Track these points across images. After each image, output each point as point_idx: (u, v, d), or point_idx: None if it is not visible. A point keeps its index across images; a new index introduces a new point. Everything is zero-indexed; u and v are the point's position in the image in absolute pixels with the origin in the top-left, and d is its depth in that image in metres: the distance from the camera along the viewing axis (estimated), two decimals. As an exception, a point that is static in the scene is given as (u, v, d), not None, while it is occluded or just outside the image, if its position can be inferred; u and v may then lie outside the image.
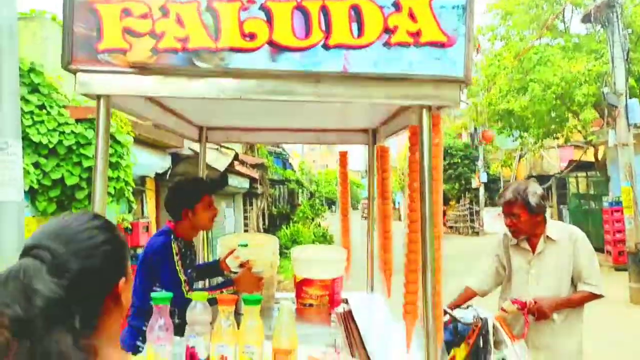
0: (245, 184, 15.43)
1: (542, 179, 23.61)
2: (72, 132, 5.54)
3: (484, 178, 25.87)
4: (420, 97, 1.80)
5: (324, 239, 19.57)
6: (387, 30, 1.73)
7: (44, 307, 0.90)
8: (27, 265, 0.95)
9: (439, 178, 1.97)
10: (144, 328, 2.57)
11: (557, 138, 16.88)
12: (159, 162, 8.45)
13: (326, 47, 1.74)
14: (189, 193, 2.88)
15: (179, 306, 2.08)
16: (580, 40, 15.14)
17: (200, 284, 3.29)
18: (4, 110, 3.06)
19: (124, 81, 1.78)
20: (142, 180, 8.36)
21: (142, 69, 1.75)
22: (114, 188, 5.93)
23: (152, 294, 1.88)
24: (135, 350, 2.64)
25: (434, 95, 1.80)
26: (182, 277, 2.61)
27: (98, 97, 1.84)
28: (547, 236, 2.94)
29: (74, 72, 1.75)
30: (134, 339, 2.70)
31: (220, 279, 3.22)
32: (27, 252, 0.98)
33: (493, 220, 22.09)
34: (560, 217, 19.65)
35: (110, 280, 1.05)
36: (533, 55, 14.08)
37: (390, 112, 2.86)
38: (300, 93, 1.81)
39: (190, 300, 2.36)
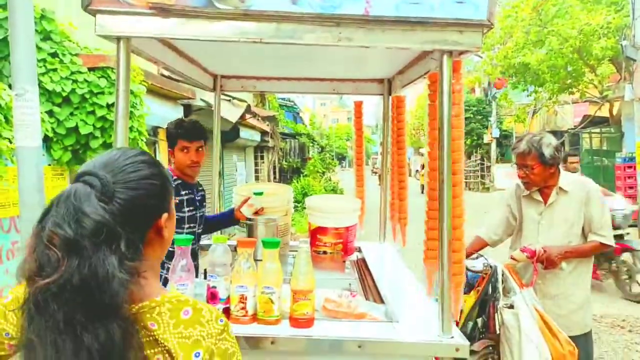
0: (256, 136, 15.45)
1: (555, 134, 23.34)
2: (85, 80, 5.53)
3: (496, 133, 25.66)
4: (441, 41, 1.78)
5: (334, 193, 19.67)
6: (410, -28, 1.70)
7: (92, 228, 0.95)
8: (78, 189, 1.00)
9: (461, 125, 1.97)
10: (161, 273, 2.67)
11: (573, 93, 16.58)
12: (171, 113, 8.44)
13: (347, -11, 1.71)
14: (169, 134, 3.02)
15: None
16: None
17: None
18: (20, 57, 3.06)
19: (143, 23, 1.77)
20: (154, 130, 8.39)
21: (161, 10, 1.73)
22: (128, 138, 5.97)
23: (175, 237, 1.93)
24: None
25: (456, 40, 1.77)
26: None
27: (118, 40, 1.84)
28: (560, 187, 2.94)
29: (94, 13, 1.74)
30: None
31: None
32: (78, 178, 1.04)
33: (504, 176, 22.04)
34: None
35: (153, 212, 1.10)
36: (551, 7, 13.67)
37: (408, 61, 2.82)
38: (320, 37, 1.79)
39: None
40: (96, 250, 0.95)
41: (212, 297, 1.93)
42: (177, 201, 2.92)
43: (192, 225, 3.00)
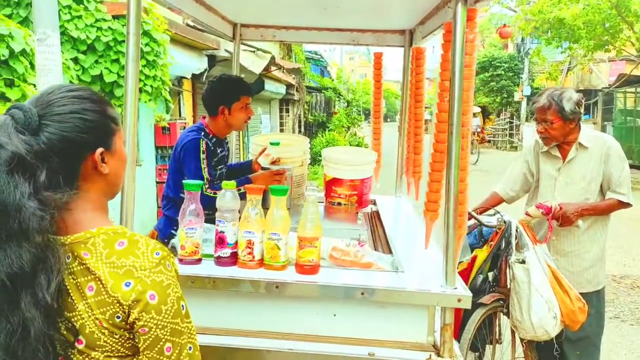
0: (281, 89, 15.37)
1: (589, 93, 22.69)
2: (110, 28, 5.55)
3: (527, 91, 24.98)
4: (456, -13, 1.73)
5: (359, 147, 19.61)
6: None
7: (5, 158, 0.98)
8: None
9: (471, 76, 1.93)
10: (178, 218, 2.73)
11: (609, 51, 15.94)
12: (195, 63, 8.44)
13: None
14: (228, 91, 2.92)
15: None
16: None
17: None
18: (41, 1, 3.08)
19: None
20: (179, 81, 8.42)
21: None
22: (151, 87, 6.01)
23: (184, 182, 1.98)
24: (170, 238, 2.81)
25: (471, -14, 1.72)
26: (205, 175, 2.70)
27: (129, -19, 1.84)
28: (580, 143, 2.89)
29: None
30: (169, 228, 2.86)
31: None
32: (6, 111, 1.08)
33: (533, 135, 21.58)
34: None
35: (83, 147, 1.10)
36: (590, -41, 13.05)
37: (428, 10, 2.75)
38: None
39: (208, 197, 2.47)
40: (8, 177, 0.98)
41: (220, 241, 1.98)
42: (216, 159, 2.94)
43: (219, 182, 3.02)
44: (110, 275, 1.04)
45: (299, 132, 19.06)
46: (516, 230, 2.88)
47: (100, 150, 1.12)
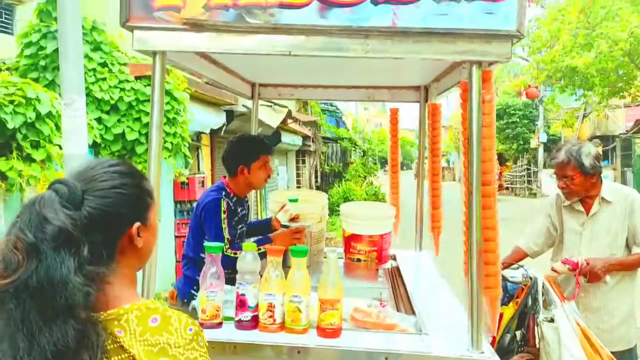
0: (298, 141, 15.56)
1: (606, 139, 22.56)
2: (132, 88, 5.75)
3: (543, 138, 24.96)
4: (470, 52, 1.77)
5: (376, 197, 19.55)
6: (438, -16, 1.70)
7: (52, 233, 1.00)
8: (44, 196, 1.06)
9: (491, 135, 1.94)
10: (197, 277, 2.72)
11: (624, 97, 15.96)
12: (214, 119, 8.63)
13: (375, 2, 1.73)
14: (247, 150, 2.95)
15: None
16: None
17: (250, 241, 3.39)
18: (69, 68, 3.21)
19: (177, 38, 1.83)
20: (197, 136, 8.59)
21: (194, 25, 1.79)
22: (171, 143, 6.14)
23: (205, 244, 1.99)
24: (190, 298, 2.80)
25: (485, 50, 1.76)
26: (226, 235, 2.70)
27: (154, 54, 1.91)
28: (603, 197, 2.85)
29: (131, 29, 1.82)
30: (189, 287, 2.85)
31: None
32: (50, 185, 1.10)
33: (551, 182, 21.42)
34: (623, 180, 18.80)
35: (123, 222, 1.13)
36: (600, 9, 13.21)
37: (442, 69, 2.81)
38: (349, 49, 1.81)
39: (228, 257, 2.47)
40: (55, 254, 0.99)
41: (241, 304, 1.97)
42: (236, 219, 2.96)
43: (239, 241, 3.03)
44: (145, 354, 1.03)
45: (316, 182, 19.16)
46: (542, 287, 2.82)
47: (137, 224, 1.14)
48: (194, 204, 7.58)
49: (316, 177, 19.47)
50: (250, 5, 1.76)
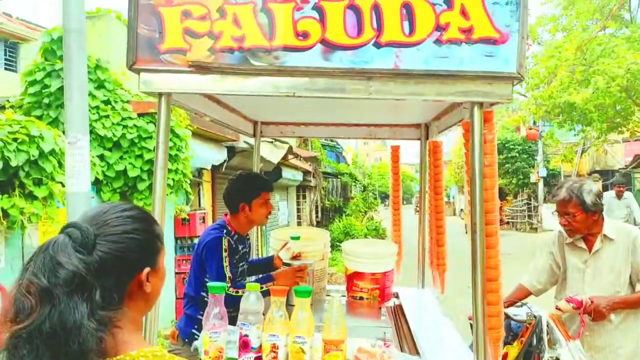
0: (298, 176, 15.61)
1: (605, 174, 22.62)
2: (135, 125, 5.80)
3: (542, 173, 25.03)
4: (471, 94, 1.80)
5: (377, 232, 19.50)
6: (439, 28, 1.74)
7: (65, 278, 1.00)
8: (57, 240, 1.06)
9: (494, 175, 1.96)
10: (199, 316, 2.69)
11: (622, 132, 16.08)
12: (215, 155, 8.68)
13: (378, 44, 1.77)
14: (247, 188, 2.96)
15: None
16: (647, 30, 14.36)
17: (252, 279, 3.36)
18: (74, 107, 3.25)
19: (183, 79, 1.86)
20: (199, 172, 8.62)
21: (200, 68, 1.83)
22: (173, 180, 6.16)
23: (208, 284, 1.98)
24: (191, 338, 2.76)
25: (486, 91, 1.79)
26: (227, 274, 2.68)
27: (159, 95, 1.94)
28: (605, 235, 2.85)
29: (138, 72, 1.85)
30: (190, 327, 2.82)
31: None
32: (63, 229, 1.10)
33: (552, 216, 21.38)
34: (624, 215, 18.75)
35: (133, 266, 1.13)
36: (596, 46, 13.43)
37: (443, 107, 2.84)
38: (352, 90, 1.84)
39: (230, 295, 2.45)
40: (68, 298, 0.99)
41: (244, 345, 1.95)
42: (238, 256, 2.95)
43: (240, 279, 3.01)
44: None
45: (316, 217, 19.11)
46: (547, 326, 2.79)
47: (147, 269, 1.15)
48: (195, 240, 7.58)
49: (317, 212, 19.44)
50: (255, 48, 1.80)
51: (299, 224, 17.05)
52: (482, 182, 1.84)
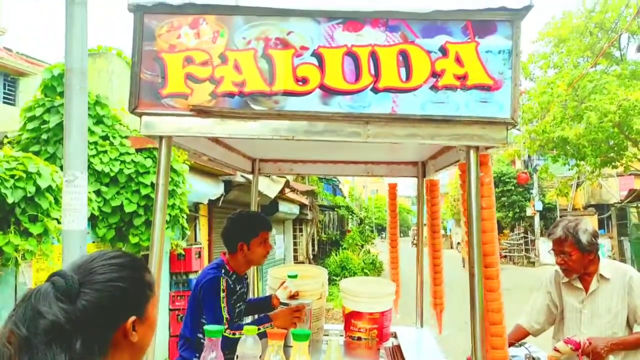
0: (295, 209, 15.59)
1: (601, 208, 22.72)
2: (132, 161, 5.82)
3: (538, 206, 25.12)
4: (467, 137, 1.83)
5: (373, 266, 19.42)
6: (435, 74, 1.78)
7: (44, 328, 0.99)
8: (40, 289, 1.05)
9: (492, 217, 1.97)
10: (195, 359, 2.66)
11: (616, 167, 16.25)
12: (212, 189, 8.68)
13: (375, 90, 1.81)
14: (246, 227, 2.94)
15: None
16: (638, 67, 14.64)
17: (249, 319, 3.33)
18: (73, 145, 3.28)
19: (184, 123, 1.89)
20: (195, 206, 8.61)
21: (201, 112, 1.86)
22: (169, 215, 6.15)
23: (205, 327, 1.96)
24: (185, 379, 2.72)
25: (481, 135, 1.82)
26: (225, 315, 2.65)
27: (160, 138, 1.97)
28: (601, 275, 2.85)
29: (140, 115, 1.88)
30: (185, 370, 2.77)
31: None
32: (48, 278, 1.09)
33: (550, 252, 21.35)
34: (620, 249, 18.79)
35: (117, 316, 1.11)
36: (588, 83, 13.70)
37: (439, 148, 2.88)
38: (350, 134, 1.87)
39: (226, 337, 2.42)
40: (46, 348, 0.98)
41: (242, 390, 1.92)
42: (235, 297, 2.93)
43: (238, 319, 2.96)
44: None
45: (313, 250, 19.01)
46: (546, 367, 2.76)
47: (132, 319, 1.12)
48: (190, 276, 7.50)
49: (313, 245, 19.35)
50: (255, 92, 1.84)
51: (295, 257, 16.96)
52: (479, 224, 1.85)
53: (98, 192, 5.62)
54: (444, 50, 1.78)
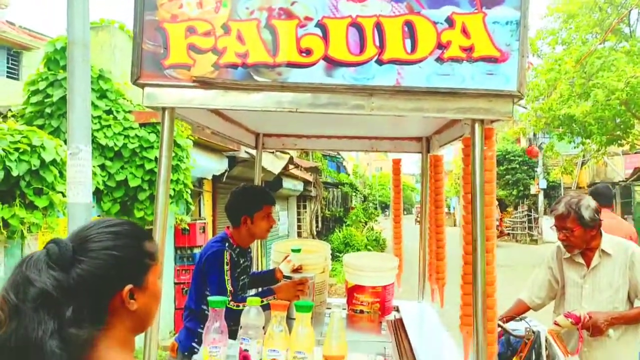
0: (299, 186, 15.62)
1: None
2: (136, 135, 5.82)
3: (543, 184, 25.06)
4: (472, 111, 1.81)
5: (377, 243, 19.49)
6: (440, 46, 1.76)
7: (33, 294, 0.99)
8: (34, 256, 1.05)
9: (492, 191, 1.97)
10: (199, 330, 2.69)
11: (622, 145, 16.13)
12: (216, 165, 8.69)
13: (380, 62, 1.78)
14: (250, 201, 2.95)
15: None
16: (647, 44, 14.45)
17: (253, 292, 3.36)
18: (76, 118, 3.27)
19: (187, 94, 1.87)
20: (199, 182, 8.63)
21: (204, 83, 1.84)
22: (173, 190, 6.17)
23: (209, 298, 1.98)
24: (191, 351, 2.76)
25: (487, 109, 1.80)
26: (228, 287, 2.67)
27: (163, 109, 1.95)
28: (603, 250, 2.86)
29: (142, 86, 1.87)
30: (190, 341, 2.81)
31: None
32: (46, 244, 1.09)
33: (553, 229, 21.39)
34: (624, 227, 18.73)
35: (112, 284, 1.10)
36: (596, 59, 13.51)
37: (444, 122, 2.86)
38: (354, 106, 1.85)
39: (230, 309, 2.45)
40: (34, 314, 0.98)
41: (245, 360, 1.95)
42: (239, 270, 2.95)
43: (241, 292, 2.98)
44: None
45: (316, 227, 19.09)
46: (546, 341, 2.79)
47: (128, 287, 1.11)
48: (195, 250, 7.56)
49: (317, 222, 19.43)
50: (258, 64, 1.82)
51: (299, 234, 17.04)
52: (482, 199, 1.85)
53: (102, 167, 5.64)
54: (450, 21, 1.75)
